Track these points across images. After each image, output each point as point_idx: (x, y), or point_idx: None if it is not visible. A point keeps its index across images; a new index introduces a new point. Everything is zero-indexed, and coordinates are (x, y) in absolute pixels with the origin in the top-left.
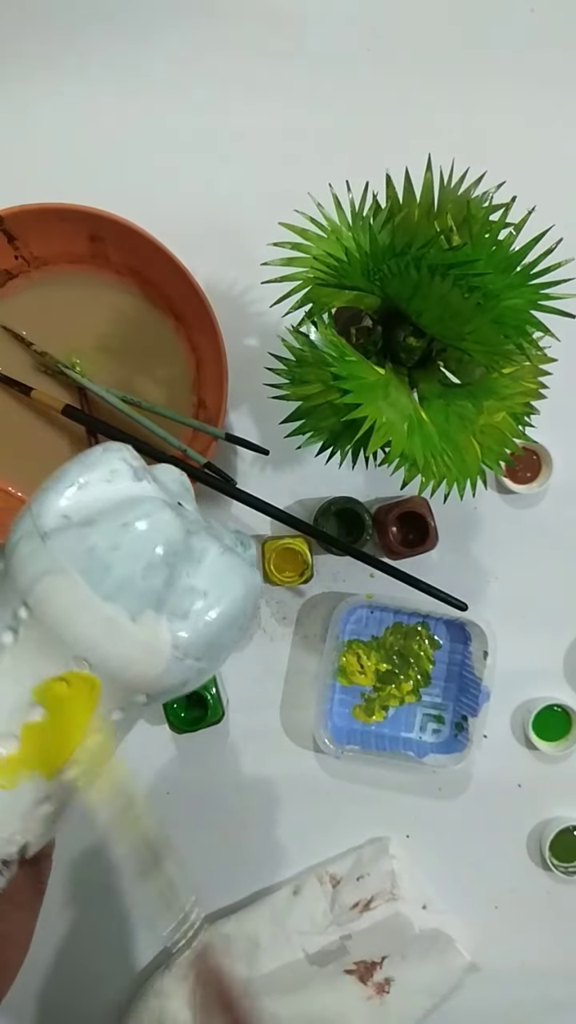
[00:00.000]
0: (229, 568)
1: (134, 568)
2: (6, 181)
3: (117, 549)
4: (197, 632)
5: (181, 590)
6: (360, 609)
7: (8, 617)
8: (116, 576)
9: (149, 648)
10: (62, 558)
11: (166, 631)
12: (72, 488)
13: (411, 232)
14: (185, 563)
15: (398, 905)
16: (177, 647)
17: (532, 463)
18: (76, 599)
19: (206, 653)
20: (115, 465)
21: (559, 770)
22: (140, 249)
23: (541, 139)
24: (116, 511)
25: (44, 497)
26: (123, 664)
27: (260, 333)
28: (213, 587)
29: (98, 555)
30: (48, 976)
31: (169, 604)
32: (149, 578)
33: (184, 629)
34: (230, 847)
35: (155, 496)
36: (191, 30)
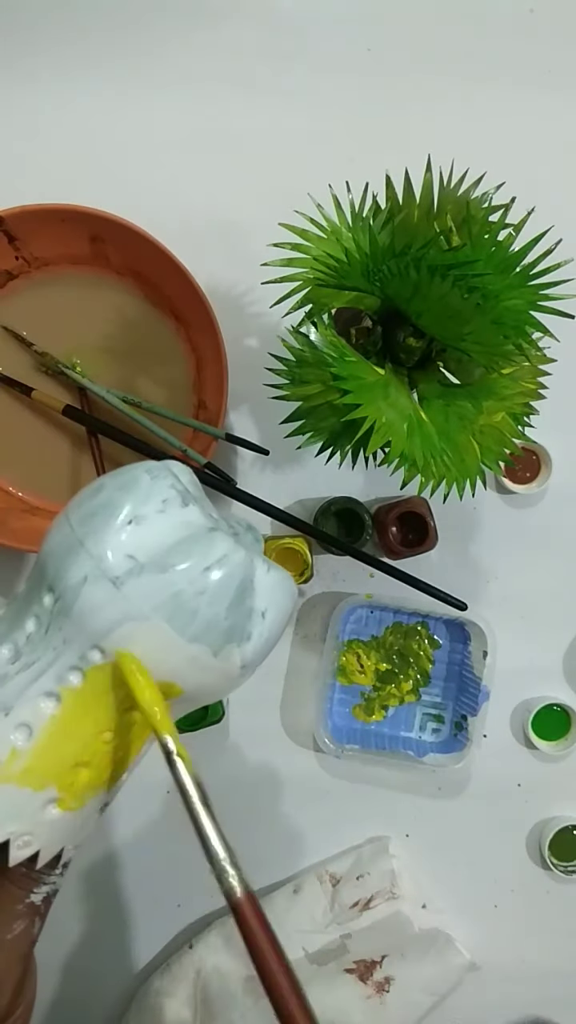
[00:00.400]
0: (279, 584)
1: (219, 610)
2: (7, 181)
3: (202, 594)
4: (259, 650)
5: (246, 615)
6: (360, 609)
7: (73, 659)
8: (202, 620)
9: (225, 675)
10: (144, 606)
11: (238, 656)
12: (129, 525)
13: (411, 233)
14: (249, 590)
15: (398, 904)
16: (245, 666)
17: (531, 463)
18: (161, 643)
19: (261, 660)
20: (166, 494)
21: (559, 769)
22: (141, 250)
23: (541, 139)
24: (190, 552)
25: (100, 533)
26: (201, 692)
27: (260, 333)
28: (270, 605)
29: (183, 601)
30: (48, 976)
31: (239, 632)
32: (231, 617)
33: (250, 649)
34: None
35: (210, 526)
36: (191, 31)
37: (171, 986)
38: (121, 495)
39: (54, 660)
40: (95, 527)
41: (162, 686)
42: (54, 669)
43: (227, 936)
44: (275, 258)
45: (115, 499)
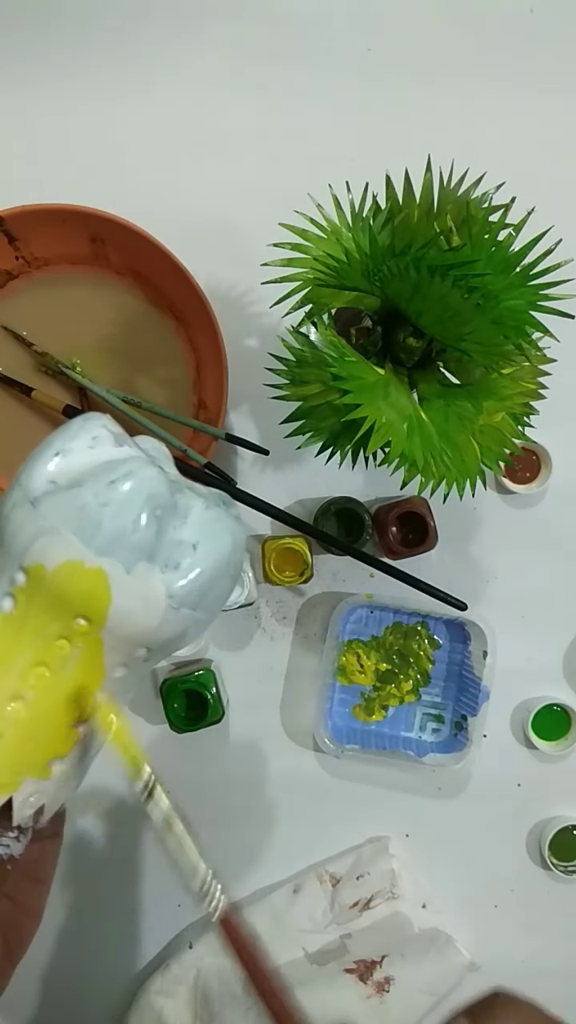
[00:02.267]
0: (215, 520)
1: (124, 522)
2: (7, 181)
3: (107, 506)
4: (190, 581)
5: (171, 543)
6: (360, 609)
7: (6, 584)
8: (108, 531)
9: (145, 599)
10: (54, 519)
11: (160, 581)
12: (56, 456)
13: (411, 233)
14: (172, 518)
15: (398, 904)
16: (172, 596)
17: (531, 463)
18: (71, 555)
19: (200, 602)
20: (96, 432)
21: (559, 769)
22: (141, 250)
23: (541, 139)
24: (102, 471)
25: (30, 466)
26: (122, 617)
27: (260, 333)
28: (202, 539)
29: (89, 513)
30: (48, 976)
31: (161, 556)
32: (139, 531)
33: (177, 579)
34: (230, 846)
35: (138, 455)
36: (192, 31)
37: (171, 986)
38: (55, 435)
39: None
40: (28, 463)
41: (86, 602)
42: None
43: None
44: (275, 258)
45: (50, 439)
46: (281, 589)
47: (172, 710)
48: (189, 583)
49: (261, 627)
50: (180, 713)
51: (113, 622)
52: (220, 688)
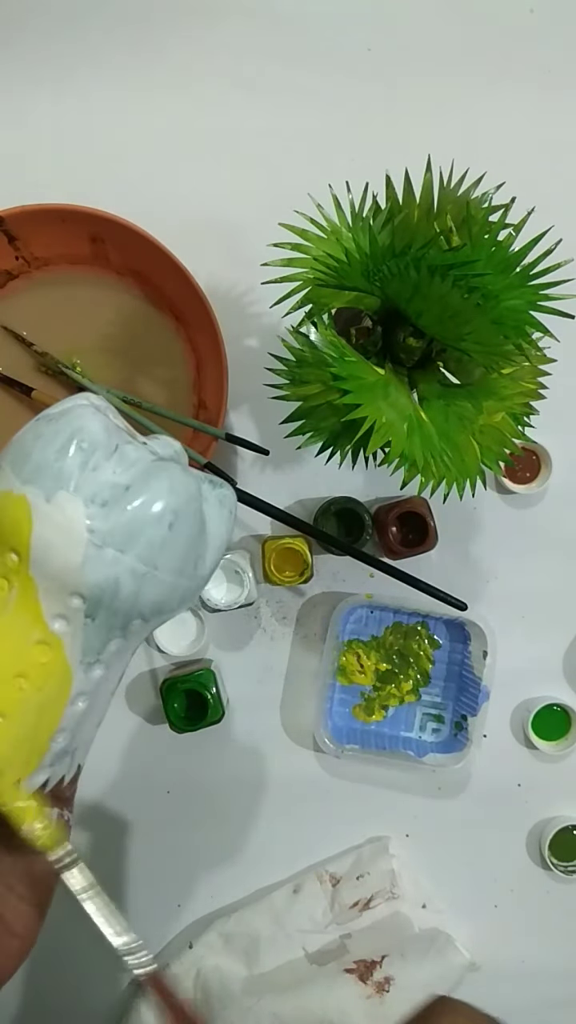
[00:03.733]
0: (159, 469)
1: (49, 452)
2: (7, 181)
3: (39, 438)
4: (113, 518)
5: (102, 482)
6: (360, 609)
7: None
8: (33, 460)
9: (65, 530)
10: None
11: (81, 514)
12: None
13: (411, 233)
14: (107, 460)
15: (398, 904)
16: (93, 532)
17: (531, 463)
18: (2, 488)
19: (128, 544)
20: (80, 401)
21: (559, 770)
22: (141, 250)
23: (541, 139)
24: (44, 414)
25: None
26: (44, 549)
27: (260, 333)
28: (137, 483)
29: (21, 445)
30: (48, 976)
31: (86, 490)
32: (61, 460)
33: (101, 516)
34: (230, 846)
35: (84, 402)
36: (191, 31)
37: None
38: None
39: None
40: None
41: (12, 531)
42: None
43: (227, 936)
44: (275, 258)
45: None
46: (281, 589)
47: (172, 710)
48: (112, 520)
49: (261, 627)
50: (180, 713)
51: (36, 554)
52: (220, 688)
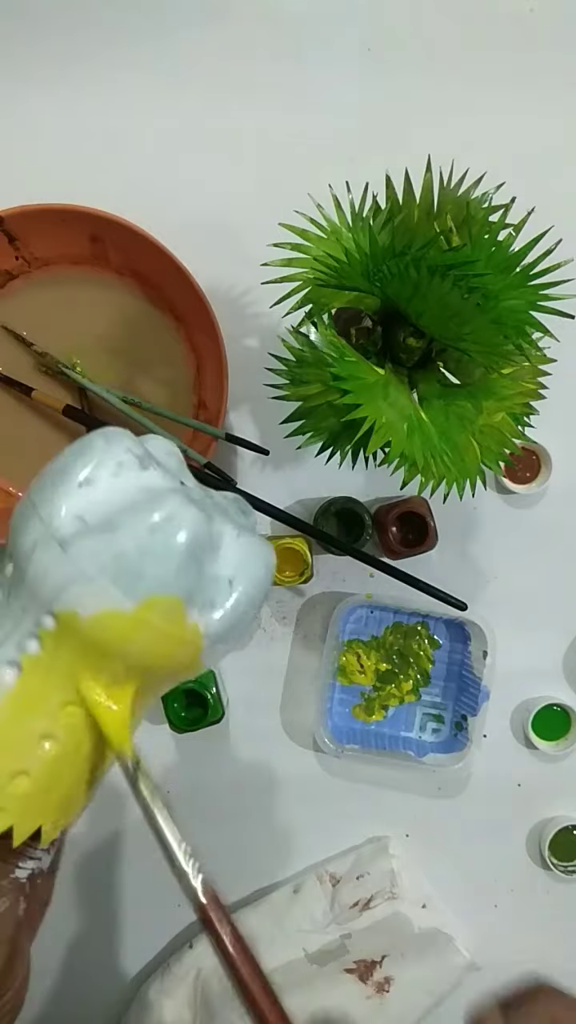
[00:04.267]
0: (249, 549)
1: (167, 571)
2: (7, 181)
3: (148, 555)
4: (226, 618)
5: (208, 581)
6: (360, 609)
7: (30, 625)
8: (149, 581)
9: (184, 642)
10: (89, 567)
11: (199, 623)
12: (81, 488)
13: (411, 233)
14: (208, 553)
15: (398, 904)
16: (208, 636)
17: (531, 463)
18: (110, 607)
19: (232, 635)
20: (121, 456)
21: (559, 769)
22: (141, 250)
23: (541, 139)
24: (137, 511)
25: (51, 497)
26: (160, 662)
27: (260, 333)
28: (237, 572)
29: (128, 562)
30: (48, 976)
31: (199, 598)
32: (181, 578)
33: (215, 618)
34: (230, 846)
35: (169, 487)
36: (191, 30)
37: (171, 986)
38: (73, 460)
39: (14, 629)
40: (47, 492)
41: (123, 648)
42: (15, 638)
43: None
44: (275, 258)
45: (68, 463)
46: (281, 589)
47: (172, 710)
48: (225, 619)
49: (261, 627)
50: (180, 713)
51: (150, 667)
52: (220, 688)
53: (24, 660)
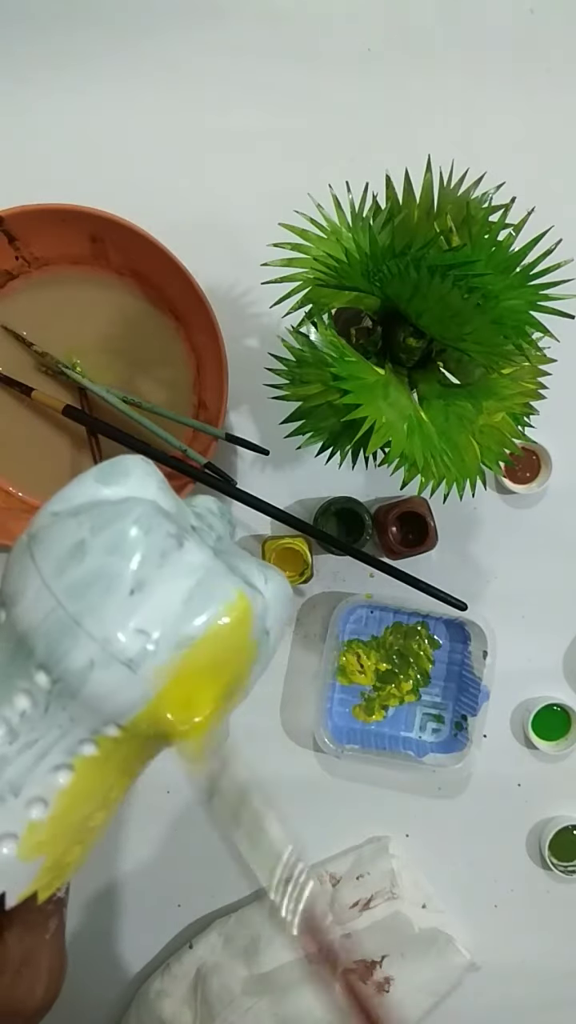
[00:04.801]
0: (278, 595)
1: (228, 650)
2: (7, 181)
3: (214, 644)
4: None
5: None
6: (360, 609)
7: (83, 732)
8: (221, 671)
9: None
10: (160, 681)
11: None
12: (131, 596)
13: (411, 233)
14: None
15: (398, 904)
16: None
17: (531, 463)
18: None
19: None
20: (163, 545)
21: (559, 769)
22: (141, 250)
23: (541, 140)
24: (201, 608)
25: (100, 613)
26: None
27: (260, 334)
28: (273, 624)
29: (196, 661)
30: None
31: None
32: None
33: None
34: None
35: (208, 564)
36: (191, 30)
37: (171, 986)
38: (114, 561)
39: (61, 737)
40: (91, 604)
41: (182, 742)
42: (63, 744)
43: (227, 936)
44: (275, 258)
45: (108, 567)
46: None
47: None
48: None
49: None
50: None
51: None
52: None
53: (78, 762)
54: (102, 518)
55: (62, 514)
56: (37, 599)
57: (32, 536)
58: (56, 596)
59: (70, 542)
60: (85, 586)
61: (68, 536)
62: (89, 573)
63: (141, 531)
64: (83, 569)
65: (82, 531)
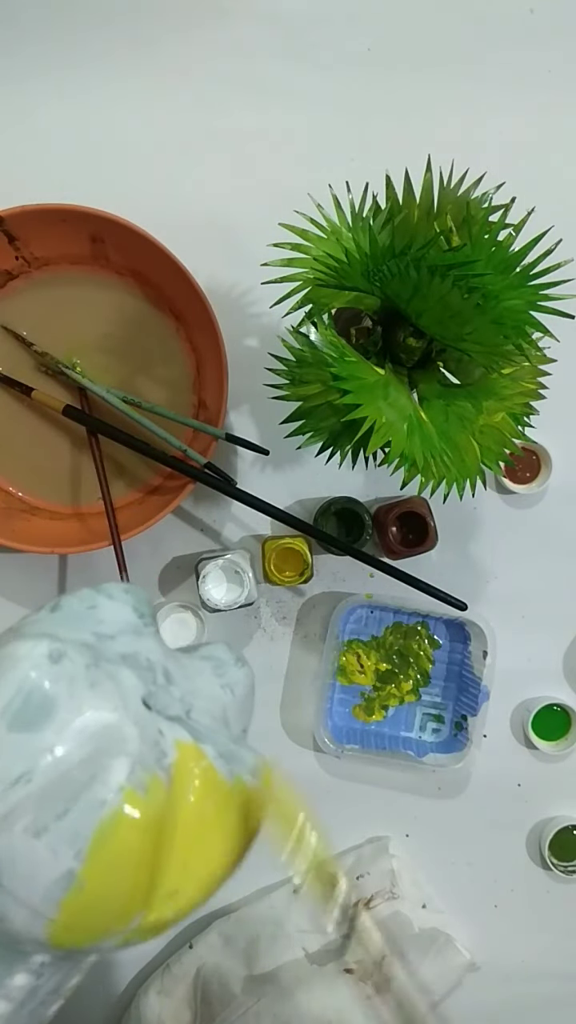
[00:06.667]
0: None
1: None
2: (7, 181)
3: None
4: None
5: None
6: (360, 609)
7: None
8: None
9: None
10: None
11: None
12: (14, 786)
13: (411, 233)
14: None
15: (398, 904)
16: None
17: (531, 463)
18: None
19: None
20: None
21: (558, 769)
22: (141, 250)
23: (541, 139)
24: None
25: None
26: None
27: (260, 333)
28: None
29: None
30: None
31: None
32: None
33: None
34: None
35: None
36: (192, 31)
37: (171, 986)
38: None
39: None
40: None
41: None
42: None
43: (227, 936)
44: (275, 258)
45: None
46: (281, 589)
47: None
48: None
49: (261, 627)
50: None
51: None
52: None
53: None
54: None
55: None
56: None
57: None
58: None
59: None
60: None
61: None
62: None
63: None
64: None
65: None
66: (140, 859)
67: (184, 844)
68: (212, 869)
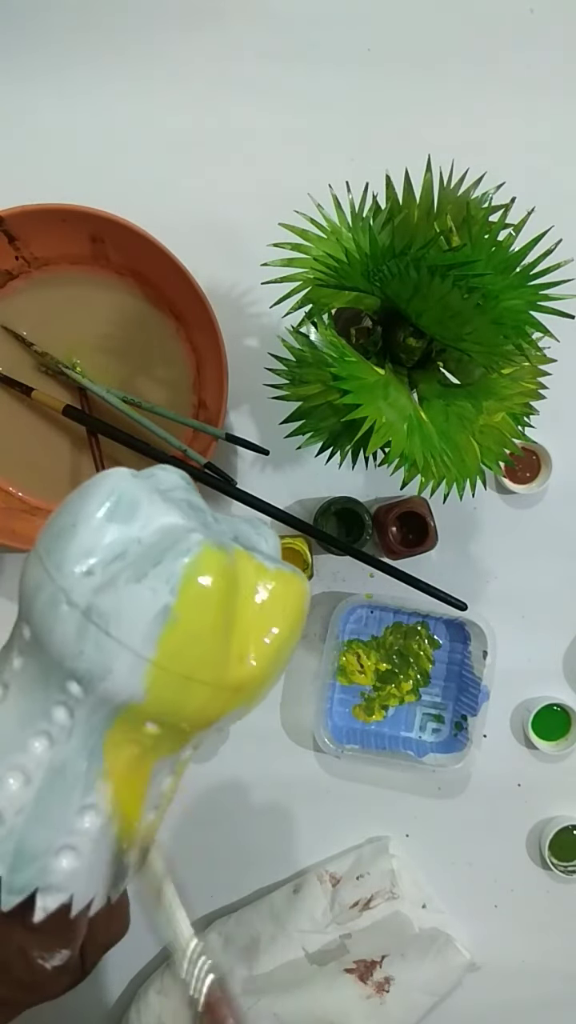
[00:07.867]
0: (282, 583)
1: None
2: (7, 181)
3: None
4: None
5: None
6: (360, 609)
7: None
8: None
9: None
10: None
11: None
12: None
13: (411, 233)
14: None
15: (398, 904)
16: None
17: (531, 463)
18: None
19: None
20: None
21: (558, 769)
22: (141, 250)
23: (541, 139)
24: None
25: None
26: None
27: (260, 333)
28: (274, 612)
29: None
30: None
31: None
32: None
33: (252, 665)
34: (230, 847)
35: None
36: (192, 31)
37: (171, 986)
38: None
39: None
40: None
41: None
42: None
43: (227, 936)
44: (275, 258)
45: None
46: None
47: None
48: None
49: None
50: None
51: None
52: None
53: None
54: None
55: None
56: (57, 612)
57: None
58: (71, 598)
59: (155, 608)
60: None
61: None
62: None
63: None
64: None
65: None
66: (219, 601)
67: (245, 618)
68: (273, 643)
